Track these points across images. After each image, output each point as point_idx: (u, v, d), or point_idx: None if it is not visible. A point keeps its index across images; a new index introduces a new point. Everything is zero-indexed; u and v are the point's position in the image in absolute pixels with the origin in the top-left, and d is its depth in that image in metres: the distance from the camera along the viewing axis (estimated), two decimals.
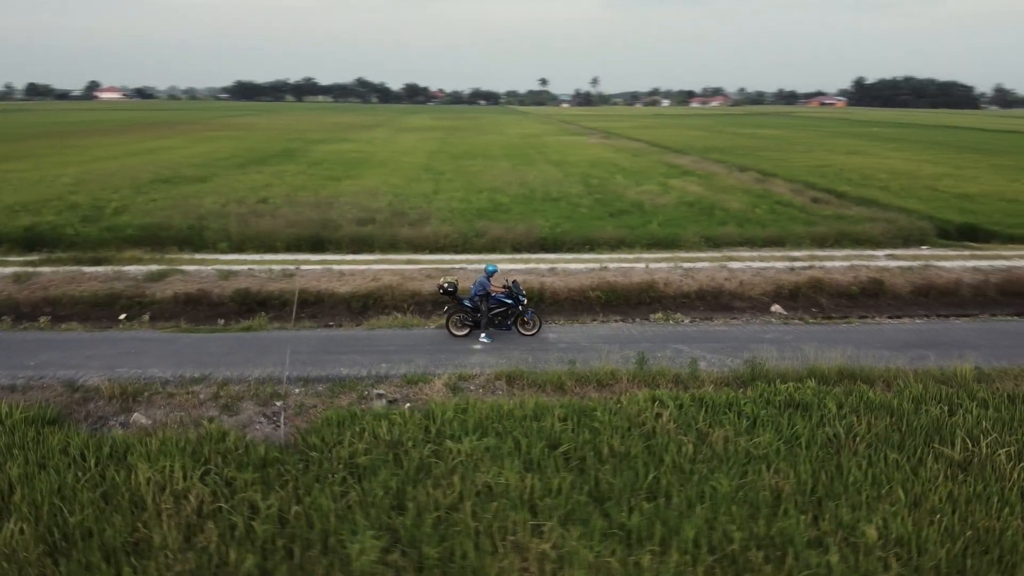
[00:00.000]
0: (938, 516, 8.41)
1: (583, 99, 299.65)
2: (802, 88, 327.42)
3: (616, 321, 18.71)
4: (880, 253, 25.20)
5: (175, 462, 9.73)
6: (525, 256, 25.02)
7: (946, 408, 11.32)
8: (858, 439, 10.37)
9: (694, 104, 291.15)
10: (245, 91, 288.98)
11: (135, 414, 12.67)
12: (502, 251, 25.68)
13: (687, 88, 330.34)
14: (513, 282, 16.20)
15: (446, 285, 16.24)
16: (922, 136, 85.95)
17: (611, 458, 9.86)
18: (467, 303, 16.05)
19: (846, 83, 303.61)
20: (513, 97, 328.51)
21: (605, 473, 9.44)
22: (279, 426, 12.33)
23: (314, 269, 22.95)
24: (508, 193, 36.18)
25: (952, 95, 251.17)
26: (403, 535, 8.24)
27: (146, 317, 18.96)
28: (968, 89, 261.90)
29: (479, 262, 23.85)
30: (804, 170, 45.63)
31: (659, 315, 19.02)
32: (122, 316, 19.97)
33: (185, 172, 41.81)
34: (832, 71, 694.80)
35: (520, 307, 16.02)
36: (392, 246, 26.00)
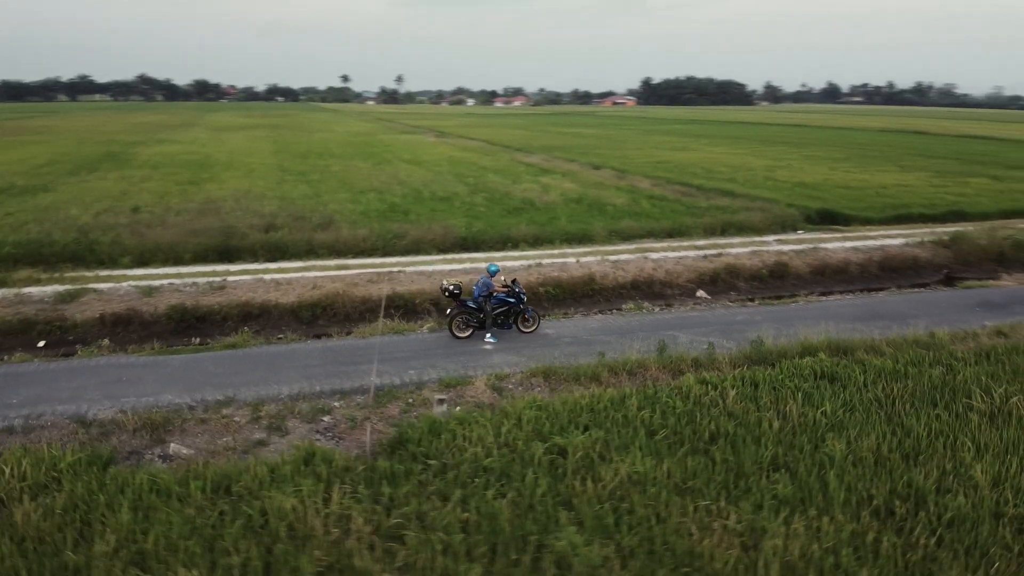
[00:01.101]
0: (1011, 457, 10.00)
1: (389, 97, 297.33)
2: (595, 88, 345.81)
3: (597, 314, 19.50)
4: (770, 239, 27.98)
5: (298, 485, 9.21)
6: (452, 256, 25.13)
7: (943, 368, 13.23)
8: (896, 401, 11.90)
9: (498, 103, 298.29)
10: (11, 91, 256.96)
11: (172, 445, 11.65)
12: (426, 252, 25.59)
13: (489, 88, 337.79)
14: (513, 281, 16.47)
15: (452, 287, 16.18)
16: (722, 132, 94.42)
17: (718, 438, 10.61)
18: (471, 304, 16.09)
19: (634, 83, 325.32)
20: (313, 94, 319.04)
21: (721, 452, 10.17)
22: (339, 440, 11.90)
23: (243, 280, 21.66)
24: (393, 193, 35.86)
25: (729, 93, 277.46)
26: (588, 526, 8.47)
27: (105, 342, 17.05)
28: (742, 87, 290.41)
29: (410, 264, 23.70)
30: (649, 166, 48.85)
31: (630, 305, 20.06)
32: (41, 343, 17.84)
33: (16, 181, 37.17)
34: (621, 72, 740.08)
35: (521, 305, 16.32)
36: (310, 252, 25.05)
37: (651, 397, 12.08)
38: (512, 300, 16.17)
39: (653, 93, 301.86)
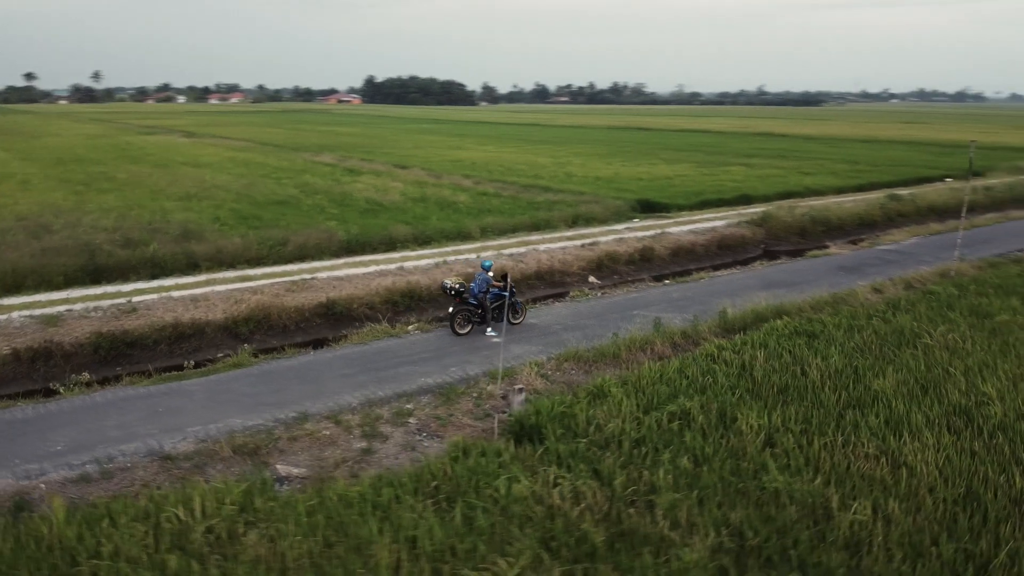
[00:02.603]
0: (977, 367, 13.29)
1: (84, 95, 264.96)
2: (315, 85, 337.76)
3: (553, 302, 20.70)
4: (620, 227, 31.08)
5: (505, 474, 9.63)
6: (353, 259, 24.77)
7: (880, 320, 16.60)
8: (873, 346, 14.88)
9: (213, 101, 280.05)
10: None
11: (278, 466, 11.13)
12: (316, 258, 24.90)
13: (200, 84, 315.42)
14: (504, 275, 17.20)
15: (457, 286, 16.51)
16: (479, 131, 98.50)
17: (788, 389, 12.66)
18: (472, 300, 16.59)
19: (357, 81, 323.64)
20: None
21: (802, 398, 12.25)
22: (438, 437, 12.15)
23: (148, 299, 19.72)
24: (219, 199, 33.81)
25: (453, 92, 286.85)
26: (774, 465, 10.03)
27: (85, 375, 14.81)
28: (463, 87, 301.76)
29: (318, 271, 23.09)
30: (451, 165, 50.45)
31: (575, 292, 21.55)
32: None
33: None
34: (339, 70, 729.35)
35: (513, 298, 17.15)
36: (192, 266, 23.22)
37: (704, 363, 13.83)
38: (506, 294, 16.96)
39: (378, 92, 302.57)
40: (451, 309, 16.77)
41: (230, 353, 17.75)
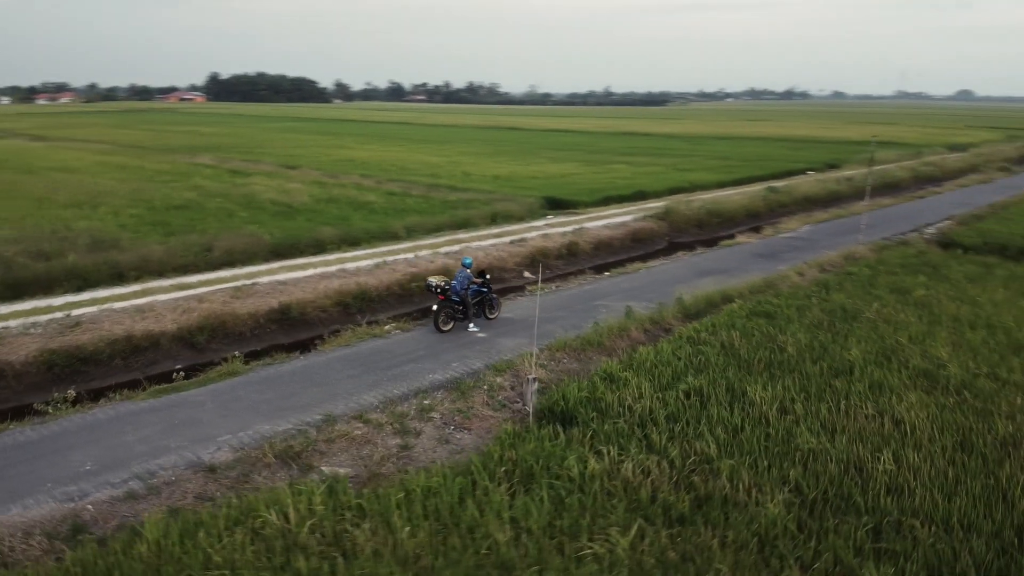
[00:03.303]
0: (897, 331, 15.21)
1: None
2: (152, 83, 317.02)
3: (516, 296, 21.19)
4: (540, 223, 32.05)
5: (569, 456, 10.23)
6: (290, 263, 24.23)
7: (818, 297, 18.40)
8: (829, 322, 16.57)
9: (41, 101, 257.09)
10: None
11: (323, 468, 11.17)
12: (246, 263, 24.18)
13: (24, 84, 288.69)
14: (481, 272, 17.59)
15: (443, 284, 16.72)
16: (348, 130, 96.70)
17: (773, 365, 13.97)
18: (455, 297, 16.88)
19: (198, 78, 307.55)
20: None
21: (801, 366, 13.60)
22: (468, 430, 12.55)
23: (88, 312, 18.61)
24: (112, 205, 31.89)
25: (304, 90, 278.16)
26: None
27: (71, 392, 13.78)
28: (314, 84, 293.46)
29: (256, 276, 22.48)
30: (343, 165, 49.75)
31: (533, 287, 22.15)
32: None
33: None
34: (180, 67, 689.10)
35: (491, 295, 17.60)
36: (118, 276, 21.97)
37: (689, 345, 14.93)
38: (485, 290, 17.39)
39: (223, 89, 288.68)
40: (435, 307, 17.00)
41: (191, 364, 17.32)
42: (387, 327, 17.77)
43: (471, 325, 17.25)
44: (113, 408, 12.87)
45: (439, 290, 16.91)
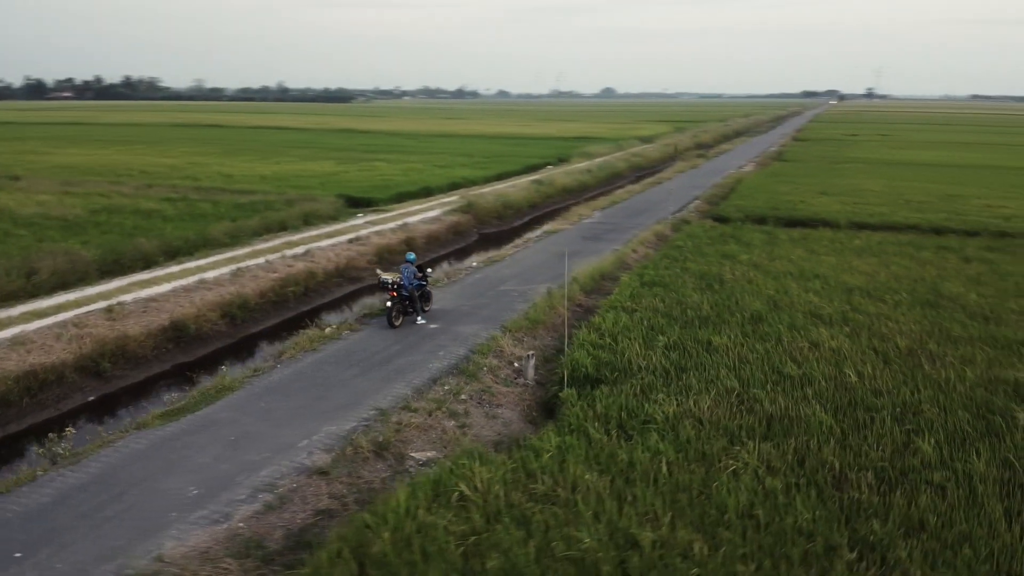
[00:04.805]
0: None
1: None
2: None
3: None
4: (360, 221, 32.22)
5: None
6: (130, 280, 22.11)
7: (692, 260, 21.91)
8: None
9: None
10: None
11: (413, 454, 11.75)
12: (82, 284, 21.66)
13: None
14: (421, 266, 18.12)
15: (398, 281, 16.99)
16: (18, 133, 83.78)
17: (719, 319, 16.88)
18: (405, 292, 17.30)
19: None
20: None
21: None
22: (499, 407, 13.72)
23: None
24: None
25: None
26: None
27: (69, 431, 11.69)
28: None
29: (109, 296, 20.35)
30: (74, 172, 44.31)
31: (435, 279, 22.69)
32: None
33: None
34: None
35: (426, 288, 18.26)
36: None
37: (628, 313, 17.29)
38: (424, 284, 18.04)
39: None
40: (388, 303, 17.28)
41: (102, 394, 15.90)
42: (327, 330, 17.64)
43: (419, 318, 17.87)
44: (135, 441, 11.75)
45: (394, 286, 17.26)
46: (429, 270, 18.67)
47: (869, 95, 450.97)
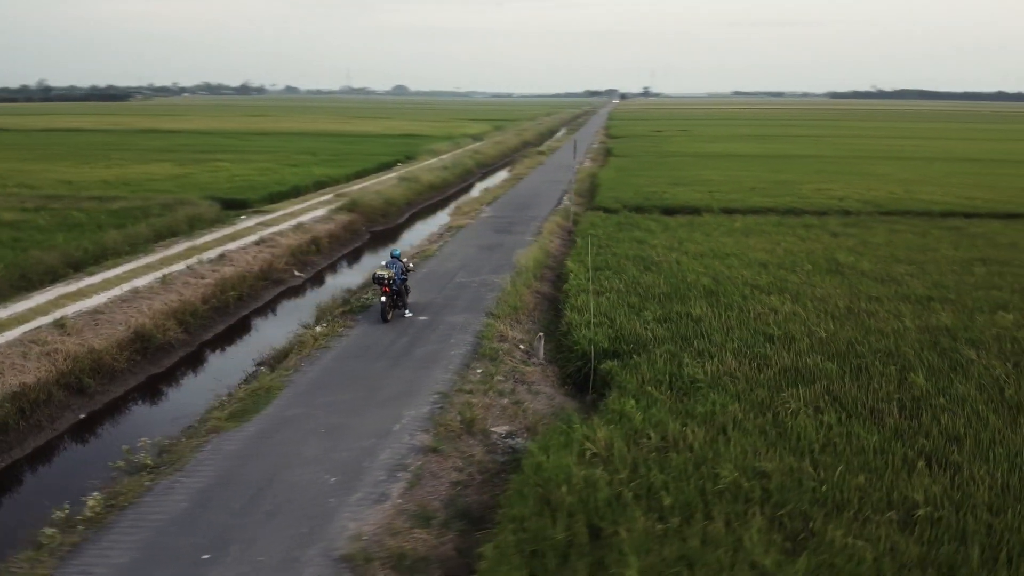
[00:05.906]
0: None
1: None
2: None
3: None
4: (251, 223, 31.23)
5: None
6: (51, 296, 20.44)
7: (622, 240, 23.92)
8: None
9: None
10: None
11: (494, 429, 12.70)
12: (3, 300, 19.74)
13: None
14: (405, 260, 18.52)
15: (393, 277, 17.26)
16: None
17: (675, 294, 18.94)
18: (395, 288, 17.66)
19: None
20: None
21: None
22: (536, 384, 14.92)
23: None
24: None
25: None
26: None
27: (144, 440, 10.89)
28: None
29: (43, 313, 18.88)
30: None
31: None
32: None
33: None
34: None
35: (407, 283, 18.71)
36: None
37: (599, 293, 18.96)
38: (404, 277, 18.51)
39: None
40: (382, 299, 17.58)
41: (91, 411, 15.21)
42: (318, 328, 17.65)
43: (407, 312, 18.35)
44: (224, 441, 11.68)
45: (389, 281, 17.57)
46: (411, 265, 19.15)
47: (646, 94, 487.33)
